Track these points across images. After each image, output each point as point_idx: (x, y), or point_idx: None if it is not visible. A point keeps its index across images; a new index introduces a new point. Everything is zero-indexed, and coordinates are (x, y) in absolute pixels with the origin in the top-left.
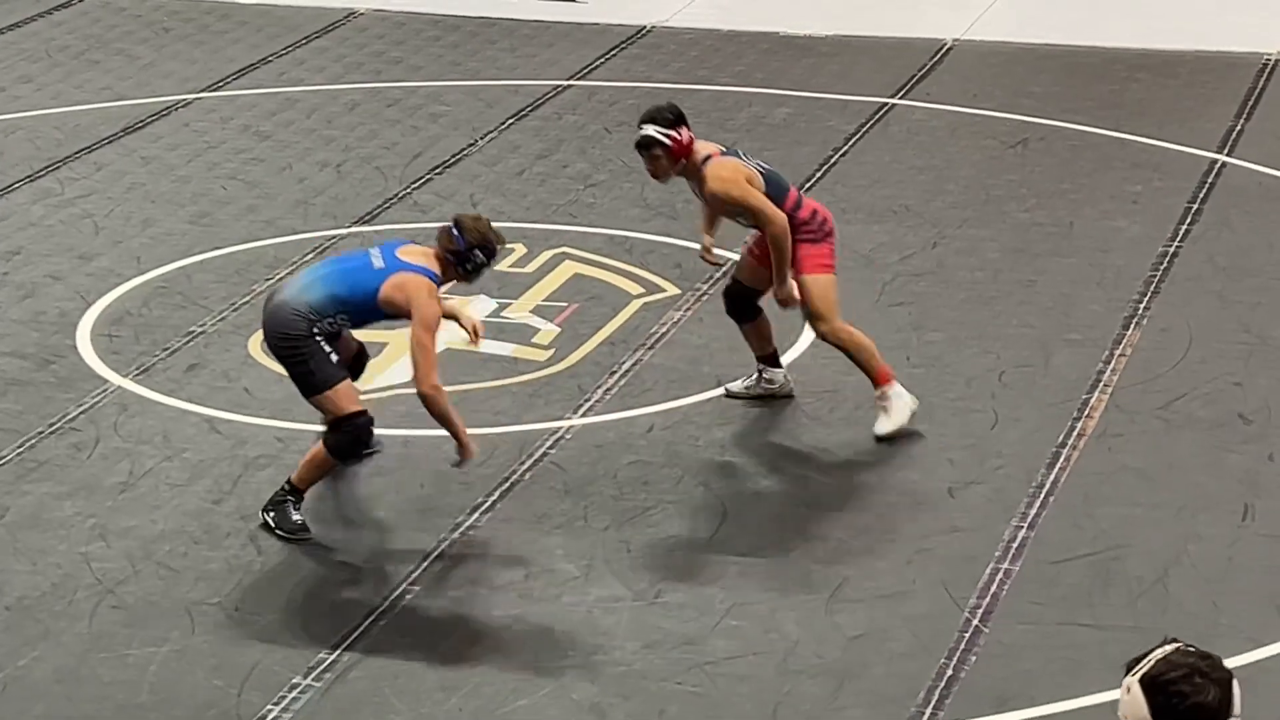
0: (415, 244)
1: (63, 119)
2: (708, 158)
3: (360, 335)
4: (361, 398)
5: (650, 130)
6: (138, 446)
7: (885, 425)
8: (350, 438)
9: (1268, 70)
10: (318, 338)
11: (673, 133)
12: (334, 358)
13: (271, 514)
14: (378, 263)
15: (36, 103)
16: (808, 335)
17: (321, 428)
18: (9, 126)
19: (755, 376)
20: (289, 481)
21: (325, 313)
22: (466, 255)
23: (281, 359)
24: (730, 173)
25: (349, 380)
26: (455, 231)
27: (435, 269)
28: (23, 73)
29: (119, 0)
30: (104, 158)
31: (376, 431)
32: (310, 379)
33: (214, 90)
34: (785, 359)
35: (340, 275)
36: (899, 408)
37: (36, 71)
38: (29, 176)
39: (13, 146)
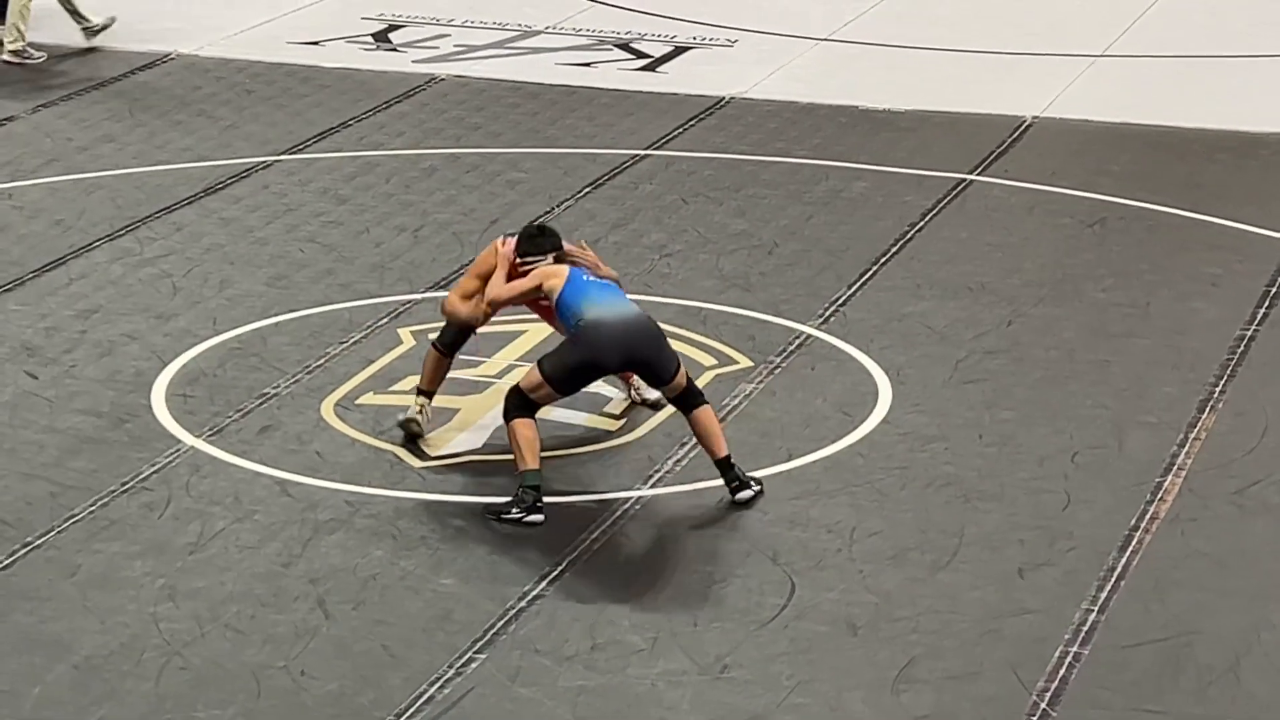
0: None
1: (144, 179)
2: None
3: (439, 400)
4: (430, 464)
5: None
6: (209, 507)
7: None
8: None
9: None
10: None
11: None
12: None
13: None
14: (611, 286)
15: (118, 162)
16: (880, 410)
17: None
18: (91, 185)
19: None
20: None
21: None
22: None
23: (648, 363)
24: None
25: None
26: None
27: None
28: (106, 131)
29: (203, 62)
30: (184, 218)
31: (446, 498)
32: (673, 357)
33: (294, 153)
34: (855, 434)
35: (618, 292)
36: None
37: (119, 131)
38: (109, 235)
39: (94, 205)
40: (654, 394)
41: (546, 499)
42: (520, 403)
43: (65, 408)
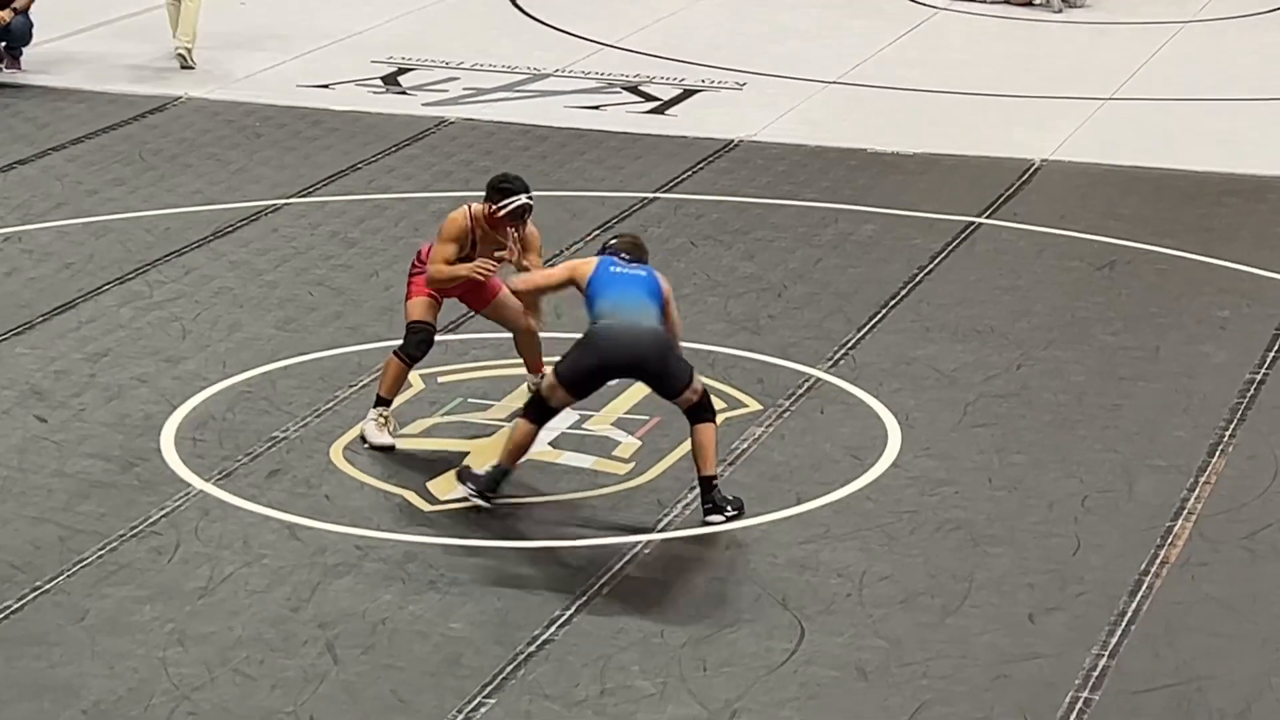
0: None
1: (153, 222)
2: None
3: (439, 444)
4: (439, 507)
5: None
6: (218, 551)
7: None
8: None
9: None
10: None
11: None
12: None
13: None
14: (636, 269)
15: (128, 205)
16: (889, 454)
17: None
18: (100, 229)
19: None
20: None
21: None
22: None
23: (654, 375)
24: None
25: None
26: None
27: None
28: (115, 175)
29: (212, 105)
30: (193, 261)
31: (455, 541)
32: (680, 374)
33: (303, 196)
34: (865, 478)
35: (642, 287)
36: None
37: (129, 174)
38: (118, 278)
39: (103, 249)
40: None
41: (558, 542)
42: (536, 406)
43: (74, 451)
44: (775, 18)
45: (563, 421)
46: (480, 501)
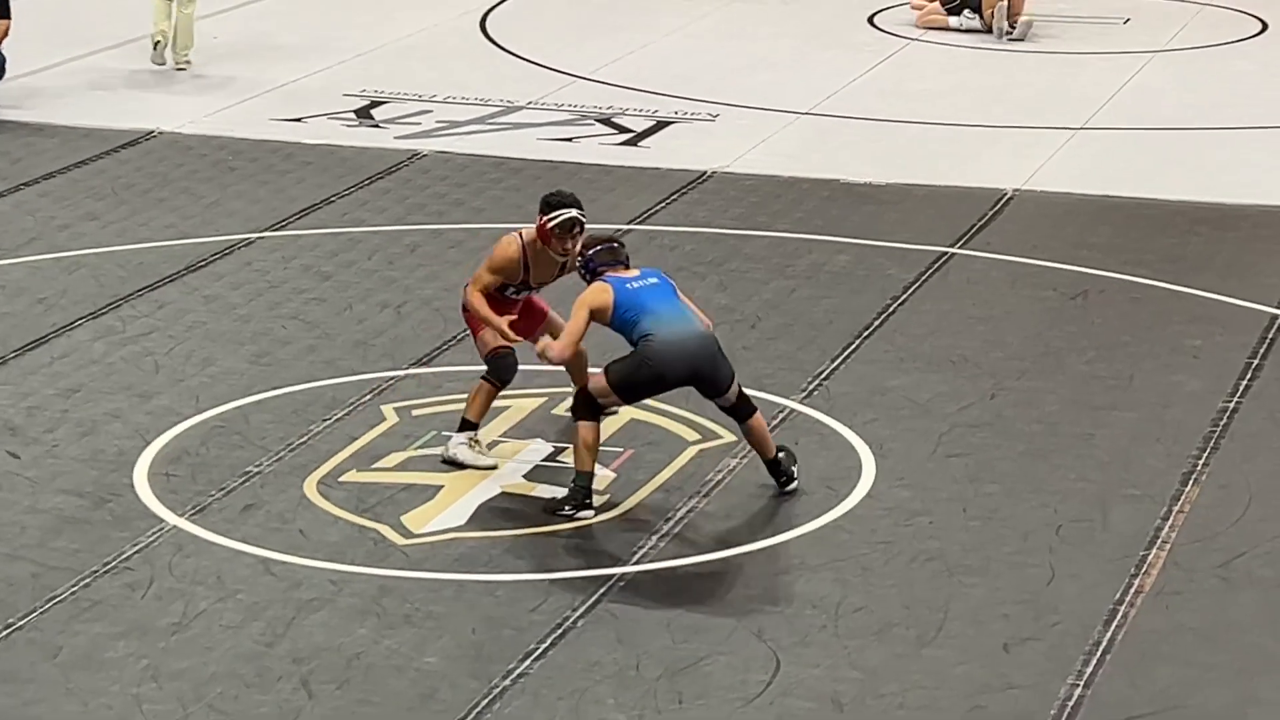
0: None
1: (126, 256)
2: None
3: (414, 478)
4: (413, 541)
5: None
6: (192, 587)
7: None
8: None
9: None
10: None
11: None
12: None
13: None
14: (649, 279)
15: (101, 239)
16: (864, 484)
17: None
18: (73, 263)
19: None
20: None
21: None
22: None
23: (707, 379)
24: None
25: None
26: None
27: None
28: (88, 209)
29: (185, 139)
30: (166, 295)
31: (430, 575)
32: (727, 372)
33: (277, 229)
34: (839, 509)
35: (667, 293)
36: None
37: (102, 209)
38: (91, 314)
39: (76, 283)
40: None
41: (533, 575)
42: (588, 404)
43: (47, 487)
44: (747, 49)
45: (537, 454)
46: (588, 514)
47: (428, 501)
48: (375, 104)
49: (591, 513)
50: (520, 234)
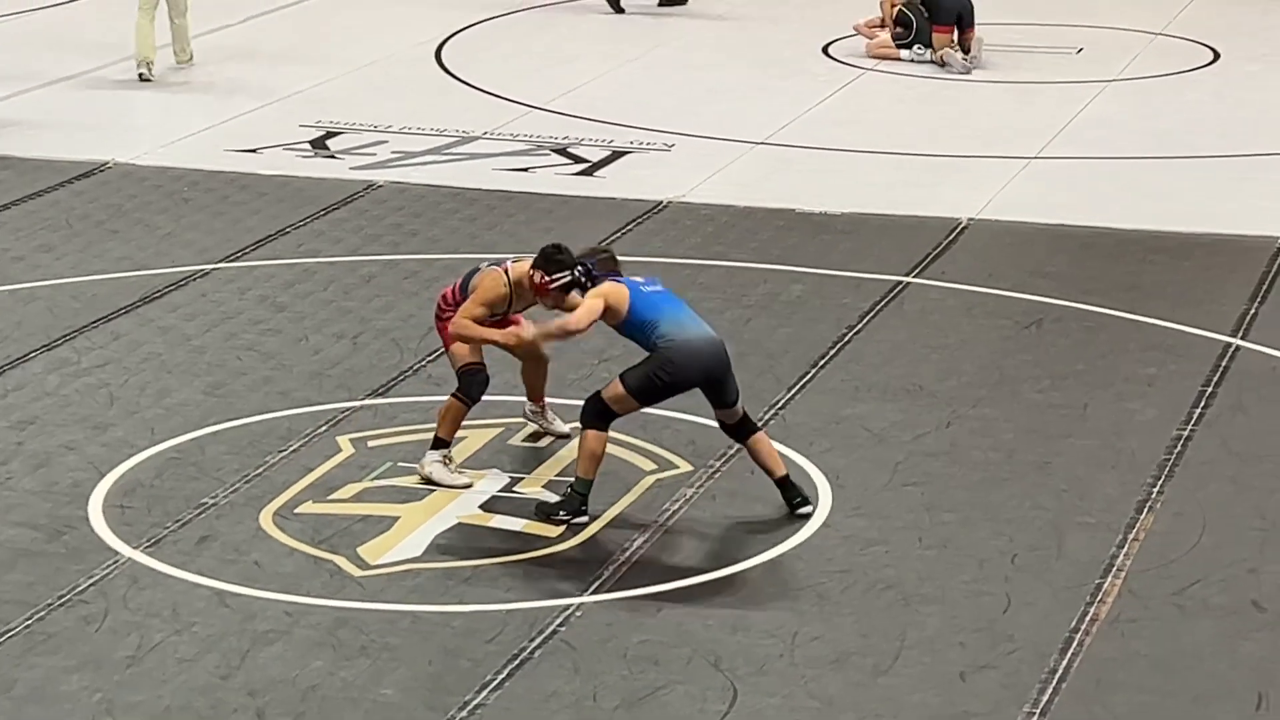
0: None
1: (81, 288)
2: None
3: (370, 509)
4: (369, 572)
5: None
6: (147, 619)
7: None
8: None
9: None
10: None
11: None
12: None
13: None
14: (656, 286)
15: (56, 271)
16: (820, 513)
17: None
18: (27, 295)
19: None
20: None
21: None
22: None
23: (721, 381)
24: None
25: None
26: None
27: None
28: (43, 241)
29: (140, 170)
30: (121, 327)
31: (386, 607)
32: (735, 382)
33: (232, 261)
34: (796, 538)
35: (678, 300)
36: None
37: (56, 240)
38: (46, 345)
39: (31, 315)
40: (564, 427)
41: (489, 606)
42: (599, 411)
43: (1, 520)
44: (703, 79)
45: (494, 484)
46: (582, 519)
47: (384, 532)
48: (330, 135)
49: (587, 519)
50: (505, 271)
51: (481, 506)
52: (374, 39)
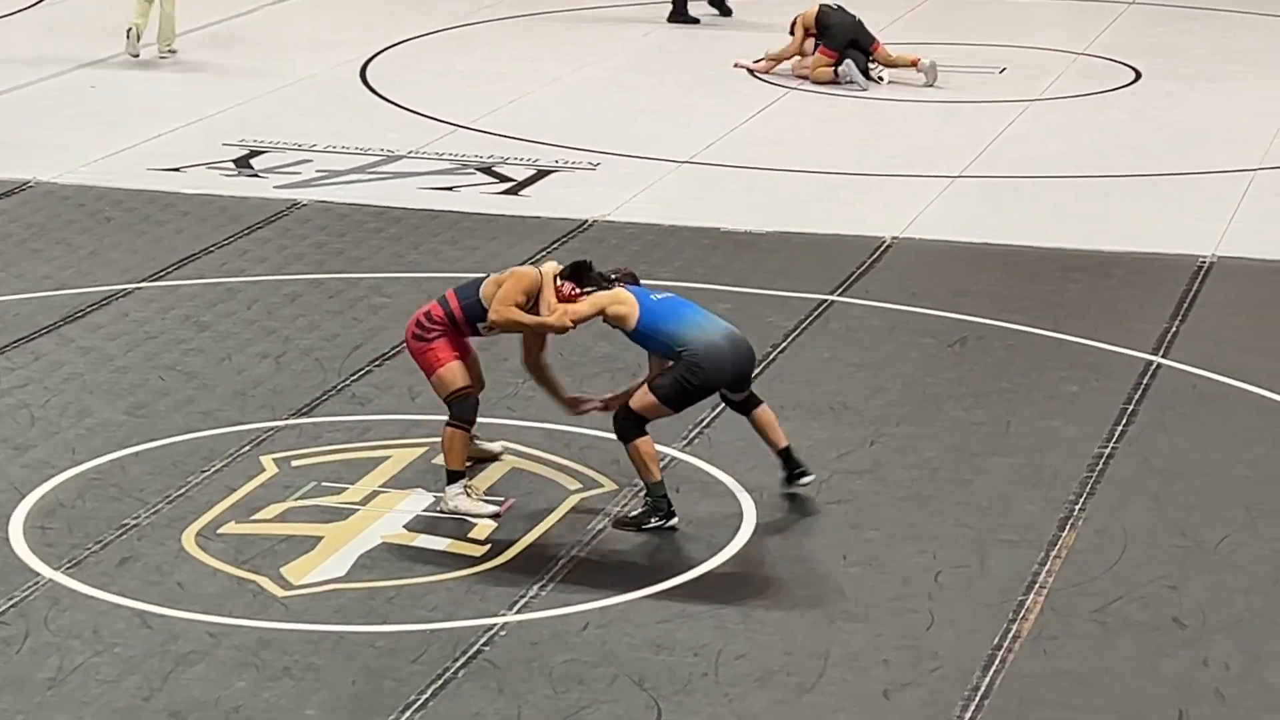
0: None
1: (1, 308)
2: None
3: (293, 529)
4: (293, 593)
5: None
6: (67, 641)
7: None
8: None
9: (1201, 273)
10: None
11: None
12: None
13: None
14: (665, 294)
15: None
16: (745, 532)
17: None
18: None
19: None
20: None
21: None
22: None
23: (746, 378)
24: None
25: None
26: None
27: None
28: None
29: (62, 189)
30: (42, 347)
31: (309, 627)
32: None
33: (155, 280)
34: (720, 556)
35: (691, 303)
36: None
37: None
38: None
39: None
40: (496, 446)
41: (412, 625)
42: (635, 422)
43: None
44: (628, 98)
45: (418, 504)
46: (674, 521)
47: (308, 552)
48: (254, 153)
49: (677, 519)
50: (538, 269)
51: (405, 526)
52: (298, 57)
